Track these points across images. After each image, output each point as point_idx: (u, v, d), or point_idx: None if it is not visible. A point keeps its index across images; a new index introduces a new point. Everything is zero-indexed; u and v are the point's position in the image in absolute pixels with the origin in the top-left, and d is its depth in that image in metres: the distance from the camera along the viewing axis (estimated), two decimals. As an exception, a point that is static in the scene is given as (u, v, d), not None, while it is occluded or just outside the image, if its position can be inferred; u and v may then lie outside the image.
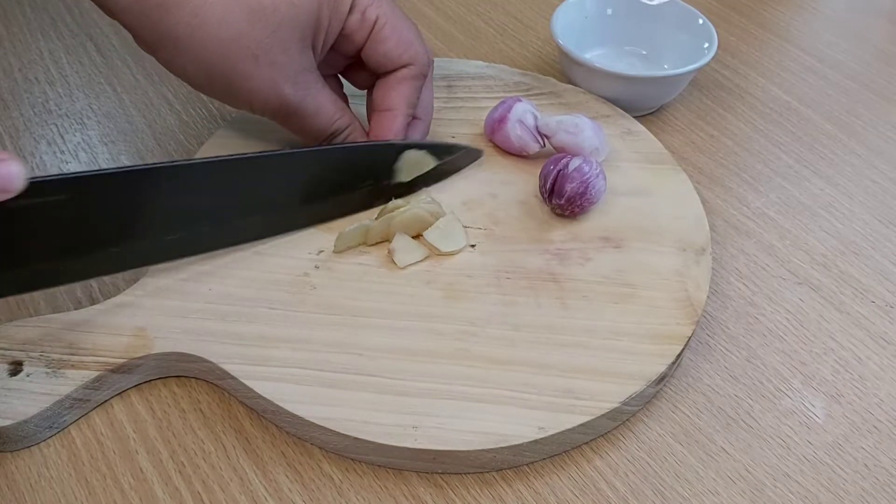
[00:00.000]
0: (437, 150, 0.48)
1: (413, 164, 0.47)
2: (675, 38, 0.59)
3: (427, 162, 0.48)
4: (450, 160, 0.49)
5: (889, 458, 0.40)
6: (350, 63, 0.48)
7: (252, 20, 0.40)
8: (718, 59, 0.64)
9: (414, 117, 0.48)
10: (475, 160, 0.50)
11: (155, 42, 0.40)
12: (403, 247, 0.44)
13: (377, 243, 0.45)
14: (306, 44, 0.42)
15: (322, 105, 0.44)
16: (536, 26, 0.66)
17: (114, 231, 0.39)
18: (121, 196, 0.39)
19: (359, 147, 0.46)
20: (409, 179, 0.48)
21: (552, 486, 0.39)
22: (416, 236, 0.45)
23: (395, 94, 0.46)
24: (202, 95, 0.57)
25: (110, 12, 0.40)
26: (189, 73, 0.41)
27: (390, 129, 0.46)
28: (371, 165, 0.46)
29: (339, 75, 0.50)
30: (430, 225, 0.45)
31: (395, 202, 0.46)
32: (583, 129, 0.48)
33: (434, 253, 0.45)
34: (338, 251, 0.45)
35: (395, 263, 0.44)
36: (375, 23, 0.44)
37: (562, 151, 0.49)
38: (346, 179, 0.46)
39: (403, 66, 0.46)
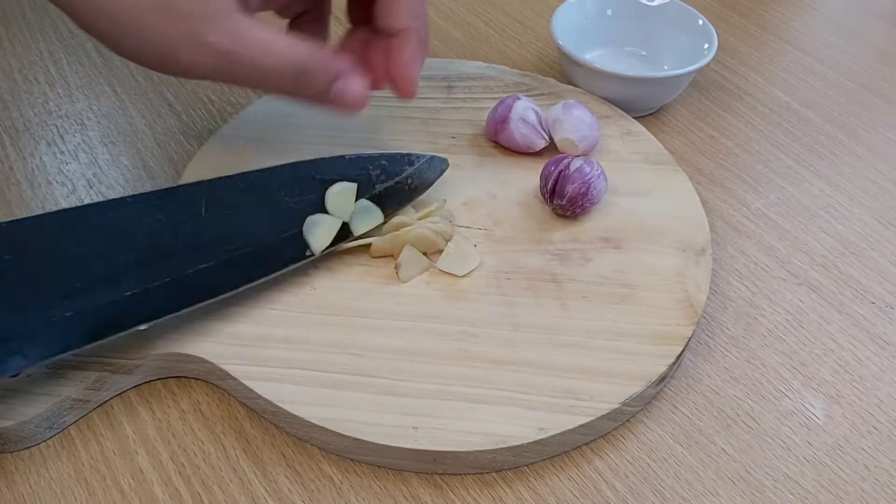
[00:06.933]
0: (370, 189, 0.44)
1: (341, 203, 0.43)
2: (675, 38, 0.59)
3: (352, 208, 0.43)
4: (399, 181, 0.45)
5: (889, 459, 0.40)
6: None
7: None
8: (718, 59, 0.64)
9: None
10: (442, 171, 0.47)
11: (70, 3, 0.36)
12: (409, 261, 0.44)
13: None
14: None
15: (269, 41, 0.37)
16: (536, 27, 0.66)
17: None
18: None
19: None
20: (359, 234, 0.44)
21: (552, 486, 0.39)
22: (423, 254, 0.45)
23: (400, 10, 0.40)
24: (202, 96, 0.57)
25: None
26: (106, 36, 0.37)
27: (405, 54, 0.40)
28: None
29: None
30: (436, 244, 0.44)
31: (400, 219, 0.45)
32: (571, 108, 0.50)
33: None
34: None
35: (400, 279, 0.44)
36: None
37: (559, 137, 0.50)
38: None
39: None
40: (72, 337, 0.36)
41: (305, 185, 0.43)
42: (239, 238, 0.41)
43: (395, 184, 0.45)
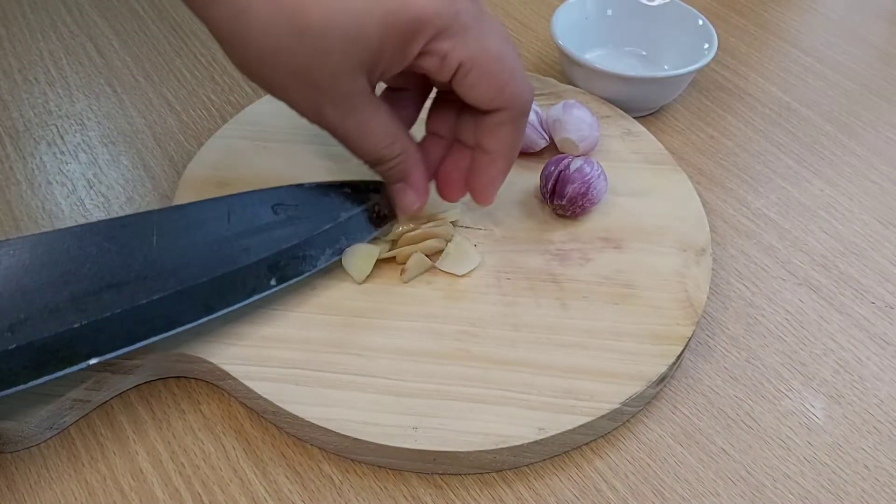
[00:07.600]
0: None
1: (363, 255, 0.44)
2: (675, 38, 0.59)
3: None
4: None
5: (889, 459, 0.40)
6: None
7: (298, 40, 0.36)
8: (718, 59, 0.64)
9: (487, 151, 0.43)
10: None
11: (208, 28, 0.38)
12: (413, 264, 0.44)
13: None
14: (360, 73, 0.38)
15: (369, 130, 0.40)
16: (536, 27, 0.66)
17: None
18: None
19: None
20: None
21: (552, 486, 0.39)
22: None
23: (495, 139, 0.42)
24: (202, 96, 0.57)
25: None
26: (235, 64, 0.39)
27: (489, 174, 0.43)
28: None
29: None
30: (436, 245, 0.44)
31: (405, 229, 0.45)
32: (571, 108, 0.50)
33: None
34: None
35: (403, 279, 0.44)
36: (459, 68, 0.38)
37: (559, 137, 0.50)
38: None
39: (497, 111, 0.41)
40: (16, 371, 0.34)
41: (261, 212, 0.42)
42: (192, 268, 0.39)
43: (360, 212, 0.44)
